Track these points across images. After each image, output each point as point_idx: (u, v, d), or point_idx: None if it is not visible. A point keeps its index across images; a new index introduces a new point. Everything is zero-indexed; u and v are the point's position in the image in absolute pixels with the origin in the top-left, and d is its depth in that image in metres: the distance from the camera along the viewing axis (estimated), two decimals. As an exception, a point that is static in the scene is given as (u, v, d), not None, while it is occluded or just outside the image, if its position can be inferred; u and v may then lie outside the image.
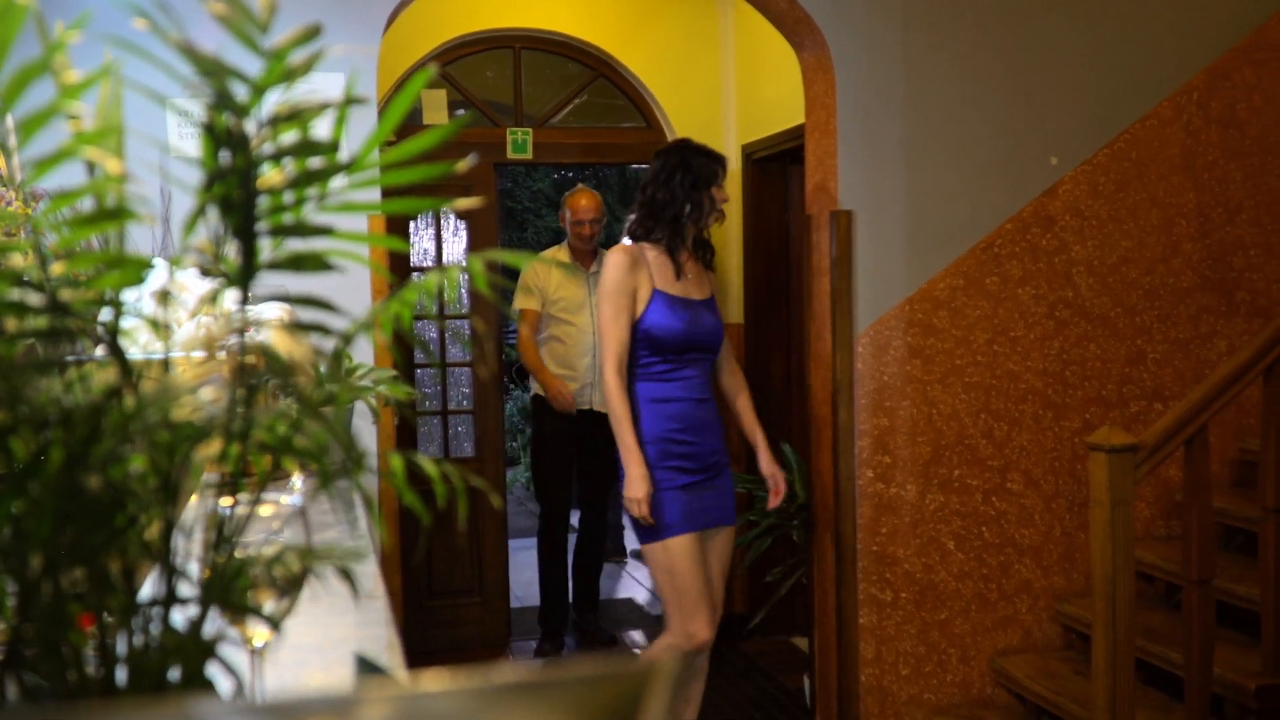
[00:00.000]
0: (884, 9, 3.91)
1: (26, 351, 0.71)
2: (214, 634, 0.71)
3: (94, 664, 0.72)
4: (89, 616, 0.72)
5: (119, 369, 0.67)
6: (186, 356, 0.65)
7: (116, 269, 0.70)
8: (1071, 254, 4.07)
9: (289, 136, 0.71)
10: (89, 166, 0.75)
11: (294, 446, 0.68)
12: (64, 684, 0.71)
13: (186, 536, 0.73)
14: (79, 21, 0.75)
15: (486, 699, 0.37)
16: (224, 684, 0.72)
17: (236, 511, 0.75)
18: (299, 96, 0.74)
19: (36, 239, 0.75)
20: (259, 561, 0.74)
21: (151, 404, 0.64)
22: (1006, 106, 4.02)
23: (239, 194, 0.66)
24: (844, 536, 3.92)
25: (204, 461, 0.72)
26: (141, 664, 0.71)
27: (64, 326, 0.71)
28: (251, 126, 0.70)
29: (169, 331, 0.71)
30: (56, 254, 0.76)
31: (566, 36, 5.34)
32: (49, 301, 0.70)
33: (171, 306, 0.72)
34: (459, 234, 5.37)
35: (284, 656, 1.36)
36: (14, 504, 0.66)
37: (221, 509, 0.75)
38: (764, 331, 5.40)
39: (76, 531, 0.67)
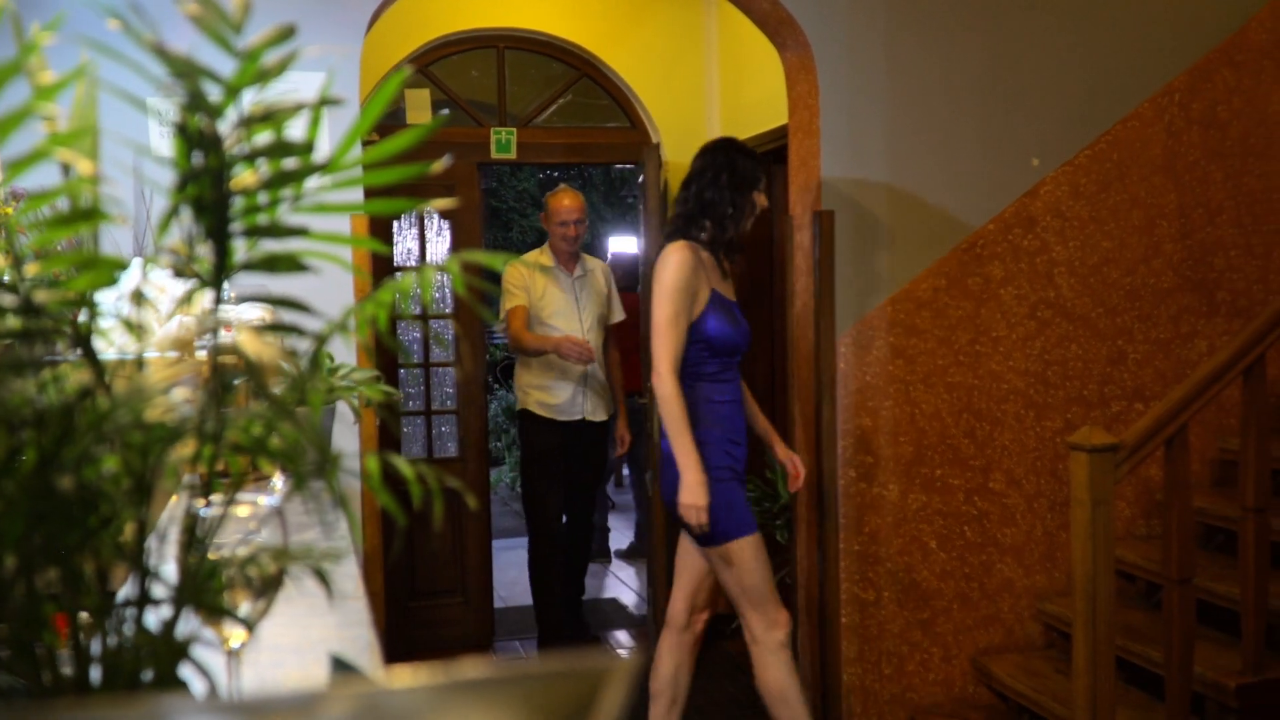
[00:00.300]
0: (867, 10, 3.92)
1: (1, 352, 0.71)
2: (187, 635, 0.71)
3: (68, 664, 0.72)
4: (64, 617, 0.72)
5: (92, 370, 0.67)
6: (160, 357, 0.65)
7: (90, 270, 0.70)
8: (1053, 254, 4.09)
9: (263, 137, 0.71)
10: (64, 168, 0.75)
11: (268, 448, 0.68)
12: (38, 684, 0.71)
13: (161, 537, 0.73)
14: (54, 23, 0.75)
15: (448, 695, 0.38)
16: (198, 685, 0.72)
17: (211, 512, 0.75)
18: (276, 97, 0.74)
19: (11, 239, 0.75)
20: (233, 562, 0.74)
21: (123, 404, 0.64)
22: (988, 108, 4.03)
23: (212, 195, 0.66)
24: (827, 536, 3.93)
25: (179, 463, 0.72)
26: (115, 664, 0.71)
27: (38, 327, 0.71)
28: (225, 127, 0.70)
29: (143, 332, 0.71)
30: (31, 255, 0.76)
31: (550, 36, 5.34)
32: (22, 303, 0.70)
33: (146, 307, 0.72)
34: (443, 234, 5.36)
35: (263, 658, 1.36)
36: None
37: (196, 510, 0.75)
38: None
39: (49, 532, 0.67)
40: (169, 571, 0.74)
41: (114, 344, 0.76)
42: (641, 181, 5.07)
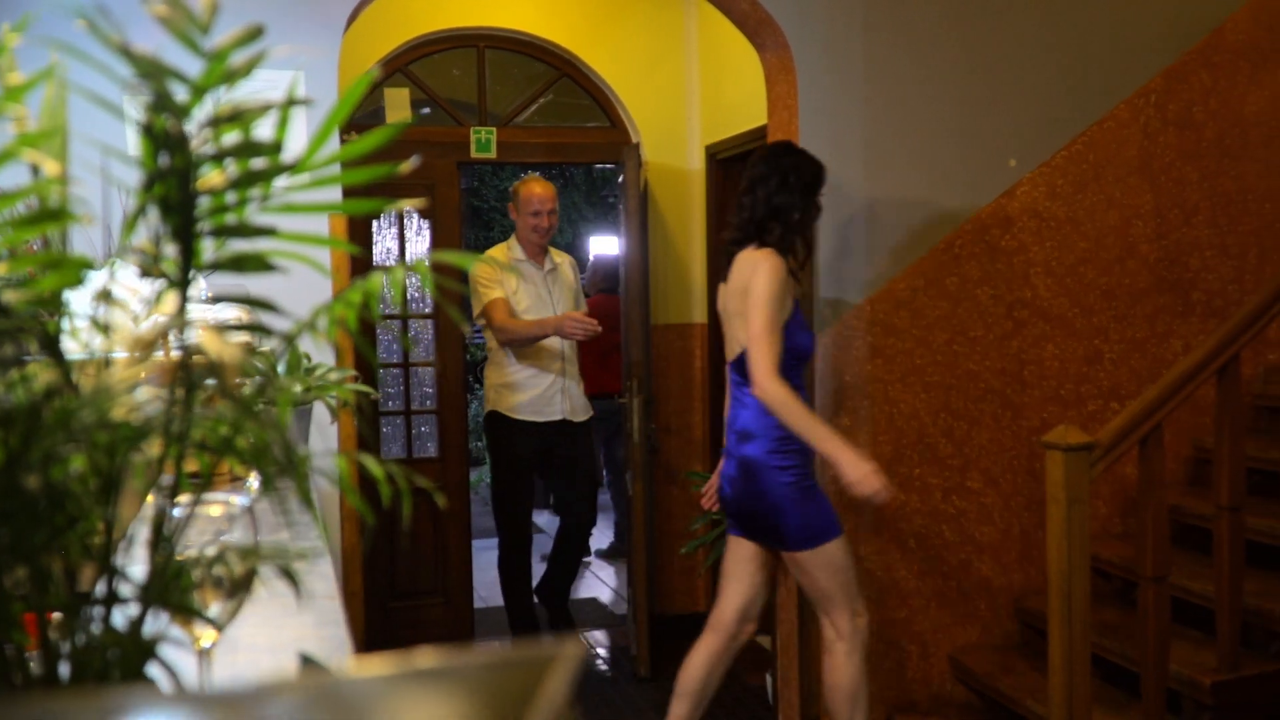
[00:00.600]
0: (845, 11, 3.93)
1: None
2: (154, 634, 0.71)
3: (36, 663, 0.72)
4: (33, 616, 0.72)
5: (58, 369, 0.67)
6: (126, 357, 0.66)
7: (57, 269, 0.70)
8: (1030, 255, 4.11)
9: (231, 137, 0.71)
10: (33, 168, 0.75)
11: (234, 448, 0.68)
12: (7, 681, 0.71)
13: (130, 537, 0.74)
14: (21, 24, 0.75)
15: (401, 684, 0.38)
16: (166, 684, 0.72)
17: (178, 512, 0.76)
18: (246, 96, 0.74)
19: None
20: (201, 562, 0.74)
21: (89, 404, 0.64)
22: (966, 109, 4.05)
23: (177, 195, 0.67)
24: (805, 535, 3.93)
25: (148, 462, 0.72)
26: (83, 663, 0.71)
27: (6, 327, 0.71)
28: (192, 127, 0.70)
29: (110, 331, 0.72)
30: (2, 254, 0.76)
31: (531, 36, 5.34)
32: (-11, 302, 0.70)
33: (113, 307, 0.72)
34: (422, 233, 5.35)
35: (236, 658, 1.36)
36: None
37: (165, 509, 0.75)
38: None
39: (17, 531, 0.68)
40: (138, 571, 0.74)
41: (83, 344, 0.76)
42: (621, 181, 5.07)
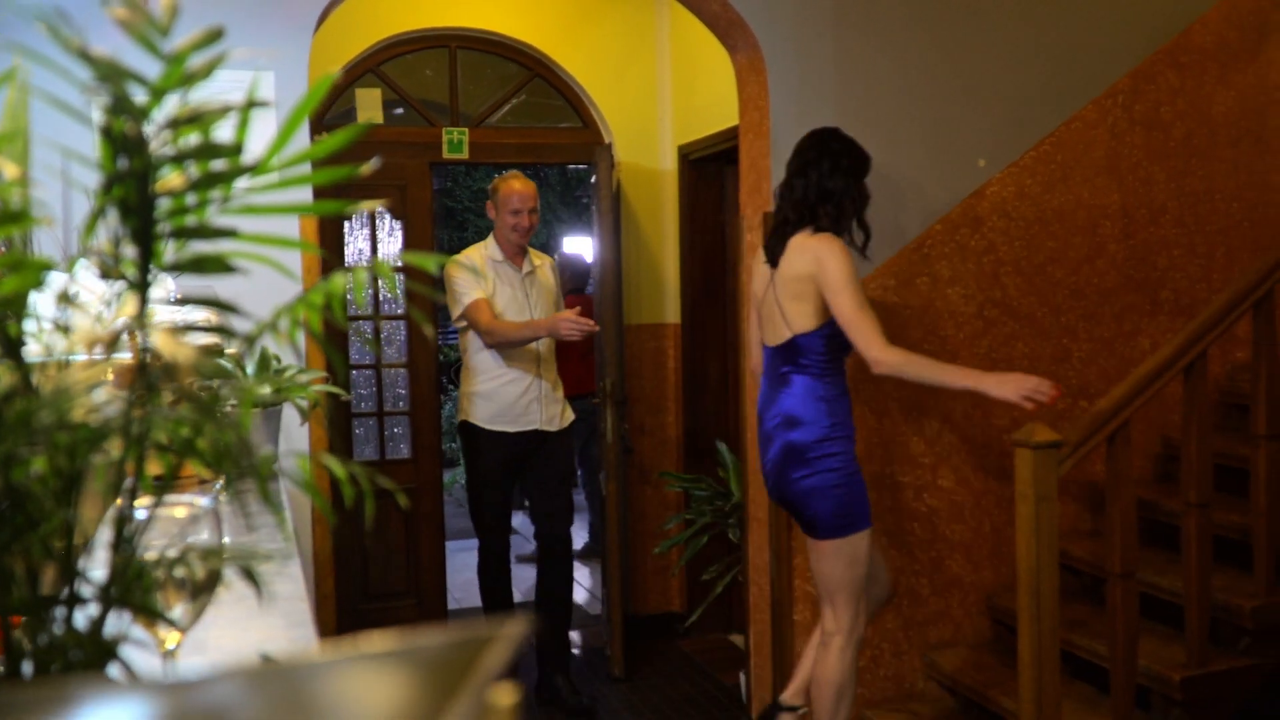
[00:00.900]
0: (816, 13, 3.95)
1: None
2: (115, 634, 0.71)
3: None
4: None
5: (18, 371, 0.67)
6: (85, 358, 0.66)
7: (17, 272, 0.70)
8: (999, 254, 4.14)
9: (191, 139, 0.71)
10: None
11: (195, 449, 0.68)
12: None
13: (91, 538, 0.74)
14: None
15: (346, 667, 0.39)
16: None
17: (140, 513, 0.76)
18: (209, 98, 0.74)
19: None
20: (162, 563, 0.74)
21: (48, 405, 0.64)
22: (935, 111, 4.08)
23: (136, 197, 0.67)
24: (778, 534, 3.95)
25: (108, 463, 0.72)
26: (45, 663, 0.71)
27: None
28: (151, 129, 0.70)
29: (70, 333, 0.72)
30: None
31: (502, 36, 5.34)
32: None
33: (74, 309, 0.73)
34: (394, 234, 5.34)
35: (204, 659, 1.36)
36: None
37: (127, 510, 0.75)
38: (701, 331, 5.44)
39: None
40: (100, 572, 0.74)
41: (45, 345, 0.76)
42: (594, 182, 5.08)
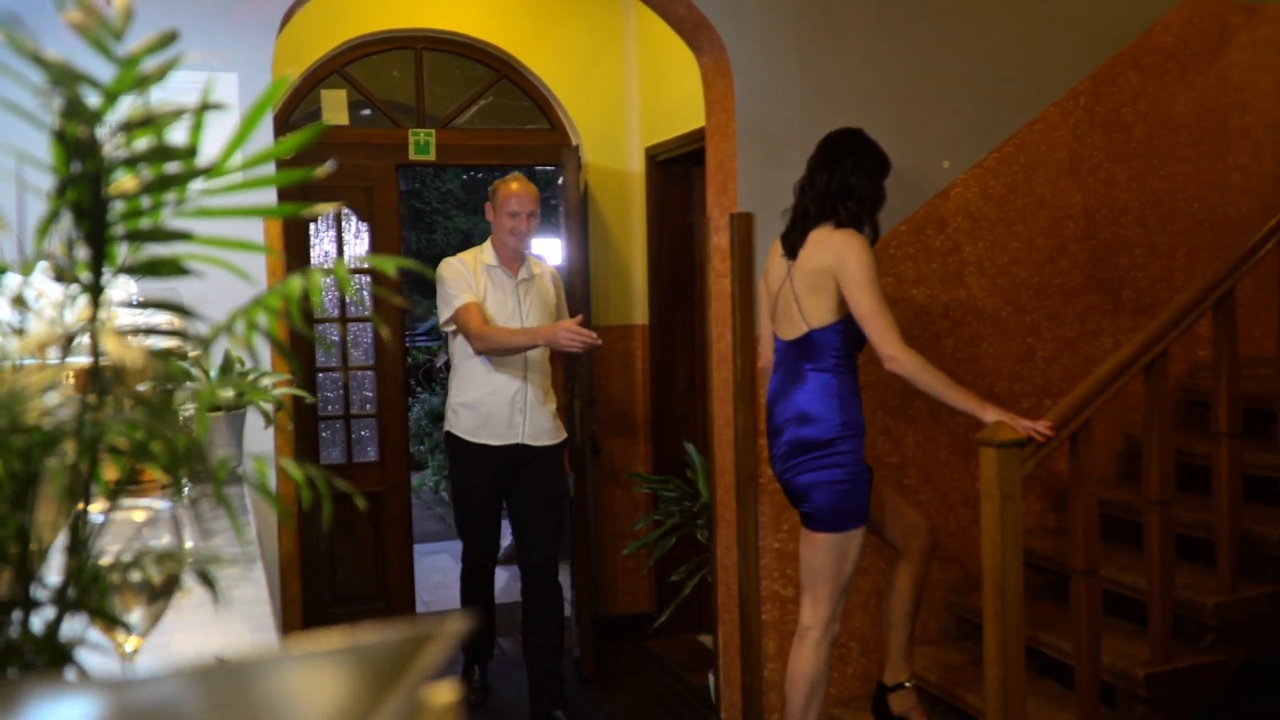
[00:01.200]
0: (781, 15, 3.97)
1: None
2: (70, 638, 0.71)
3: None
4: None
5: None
6: (37, 361, 0.65)
7: (-32, 275, 0.70)
8: (963, 255, 4.17)
9: (144, 141, 0.71)
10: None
11: (148, 452, 0.68)
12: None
13: (46, 541, 0.73)
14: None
15: (292, 665, 0.40)
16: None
17: (96, 517, 0.75)
18: (166, 100, 0.74)
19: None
20: (118, 567, 0.74)
21: (1, 408, 0.64)
22: (900, 112, 4.10)
23: (89, 200, 0.67)
24: (746, 534, 3.97)
25: (63, 467, 0.72)
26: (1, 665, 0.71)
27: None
28: (105, 132, 0.70)
29: (24, 336, 0.71)
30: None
31: (469, 38, 5.33)
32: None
33: (29, 312, 0.72)
34: (361, 236, 5.32)
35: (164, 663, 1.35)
36: None
37: (83, 514, 0.75)
38: (668, 332, 5.45)
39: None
40: (56, 576, 0.74)
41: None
42: (561, 183, 5.08)
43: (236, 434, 2.23)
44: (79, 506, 0.73)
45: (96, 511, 0.77)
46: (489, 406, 4.30)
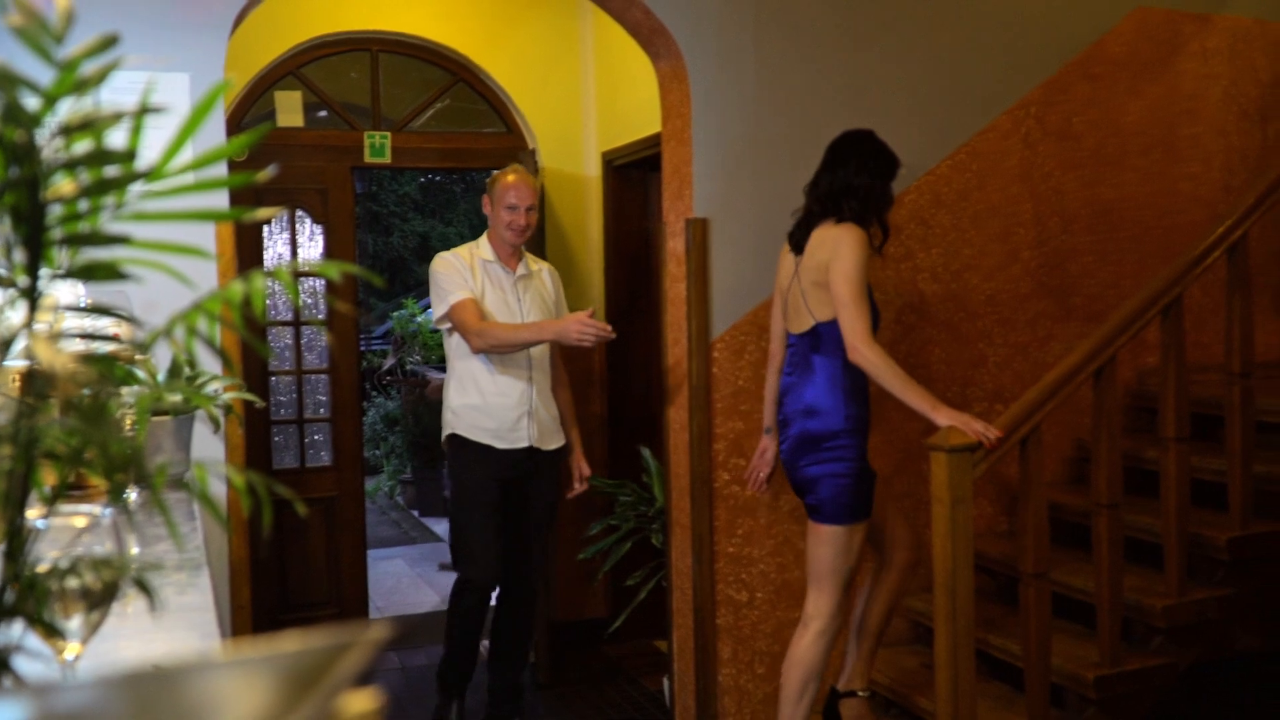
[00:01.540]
0: (737, 21, 3.98)
1: None
2: (4, 645, 0.70)
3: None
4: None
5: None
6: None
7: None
8: (916, 261, 4.21)
9: (84, 145, 0.71)
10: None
11: (83, 458, 0.68)
12: None
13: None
14: None
15: (218, 672, 0.40)
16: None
17: (35, 523, 0.75)
18: (106, 103, 0.73)
19: None
20: (54, 574, 0.73)
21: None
22: (855, 118, 4.12)
23: (27, 204, 0.66)
24: (701, 539, 3.97)
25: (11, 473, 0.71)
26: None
27: None
28: (44, 136, 0.69)
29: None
30: None
31: (425, 40, 5.31)
32: None
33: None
34: (315, 239, 5.28)
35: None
36: None
37: (20, 520, 0.74)
38: (625, 336, 5.44)
39: None
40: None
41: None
42: (517, 187, 5.06)
43: (184, 439, 2.21)
44: (17, 512, 0.72)
45: (35, 517, 0.76)
46: (492, 410, 4.08)
